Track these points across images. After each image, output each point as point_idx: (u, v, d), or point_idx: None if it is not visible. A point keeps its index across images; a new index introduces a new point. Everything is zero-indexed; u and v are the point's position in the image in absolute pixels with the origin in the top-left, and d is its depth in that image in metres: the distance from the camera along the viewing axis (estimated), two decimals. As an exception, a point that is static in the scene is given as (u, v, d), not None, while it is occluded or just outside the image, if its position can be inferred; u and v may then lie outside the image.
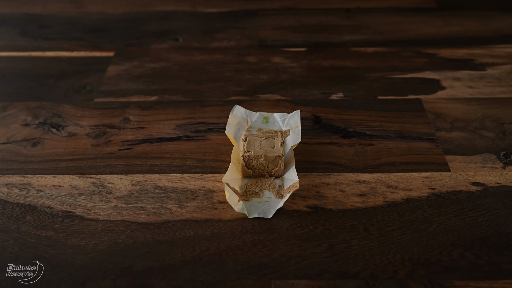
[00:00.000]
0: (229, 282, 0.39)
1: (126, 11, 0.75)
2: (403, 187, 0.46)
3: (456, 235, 0.42)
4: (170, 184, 0.47)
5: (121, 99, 0.58)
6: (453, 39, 0.67)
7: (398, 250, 0.41)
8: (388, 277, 0.39)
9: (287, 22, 0.71)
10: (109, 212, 0.45)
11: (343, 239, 0.42)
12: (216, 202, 0.45)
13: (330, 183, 0.47)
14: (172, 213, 0.44)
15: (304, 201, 0.45)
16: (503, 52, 0.64)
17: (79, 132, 0.53)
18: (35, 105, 0.57)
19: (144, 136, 0.53)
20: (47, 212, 0.45)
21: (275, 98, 0.57)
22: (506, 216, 0.43)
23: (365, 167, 0.48)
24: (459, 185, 0.46)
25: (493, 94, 0.57)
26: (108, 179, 0.48)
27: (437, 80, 0.59)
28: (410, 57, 0.64)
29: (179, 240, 0.42)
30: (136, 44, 0.67)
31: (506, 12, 0.72)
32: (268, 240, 0.42)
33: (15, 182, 0.47)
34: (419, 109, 0.55)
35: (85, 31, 0.70)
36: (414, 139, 0.51)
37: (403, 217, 0.44)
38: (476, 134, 0.52)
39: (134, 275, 0.40)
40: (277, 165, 0.47)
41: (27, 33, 0.70)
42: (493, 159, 0.49)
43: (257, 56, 0.64)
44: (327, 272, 0.40)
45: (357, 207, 0.45)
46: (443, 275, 0.39)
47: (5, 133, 0.53)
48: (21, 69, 0.63)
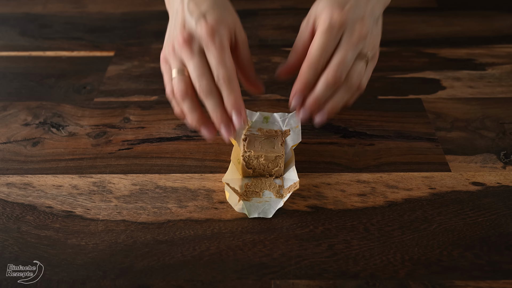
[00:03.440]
0: (229, 282, 0.39)
1: (126, 11, 0.75)
2: (403, 187, 0.46)
3: (456, 235, 0.42)
4: (170, 184, 0.47)
5: (121, 99, 0.58)
6: (453, 39, 0.67)
7: (398, 250, 0.41)
8: (388, 277, 0.39)
9: (287, 21, 0.71)
10: (109, 212, 0.45)
11: (343, 239, 0.42)
12: (216, 202, 0.45)
13: (330, 183, 0.47)
14: (172, 213, 0.44)
15: (304, 201, 0.45)
16: (504, 52, 0.64)
17: (79, 132, 0.53)
18: (35, 105, 0.57)
19: (144, 136, 0.53)
20: (47, 212, 0.45)
21: (275, 98, 0.57)
22: (506, 216, 0.43)
23: (365, 167, 0.48)
24: (459, 185, 0.46)
25: (493, 94, 0.57)
26: (108, 179, 0.48)
27: (437, 80, 0.59)
28: (410, 57, 0.64)
29: (179, 240, 0.42)
30: (136, 44, 0.67)
31: (506, 12, 0.72)
32: (268, 240, 0.42)
33: (15, 182, 0.48)
34: (419, 109, 0.55)
35: (85, 31, 0.70)
36: (414, 139, 0.51)
37: (403, 217, 0.44)
38: (476, 134, 0.52)
39: (134, 275, 0.40)
40: (277, 165, 0.47)
41: (27, 33, 0.70)
42: (494, 159, 0.49)
43: (257, 56, 0.64)
44: (327, 272, 0.40)
45: (357, 207, 0.45)
46: (443, 275, 0.39)
47: (5, 132, 0.53)
48: (21, 69, 0.63)
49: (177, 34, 0.42)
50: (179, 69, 0.42)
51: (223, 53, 0.41)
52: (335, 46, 0.41)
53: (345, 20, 0.41)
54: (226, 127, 0.41)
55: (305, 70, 0.42)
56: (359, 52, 0.42)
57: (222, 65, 0.40)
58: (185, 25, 0.42)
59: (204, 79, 0.40)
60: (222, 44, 0.41)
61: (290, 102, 0.43)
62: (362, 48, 0.42)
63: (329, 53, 0.41)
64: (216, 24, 0.41)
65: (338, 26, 0.41)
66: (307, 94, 0.42)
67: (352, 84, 0.42)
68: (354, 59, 0.42)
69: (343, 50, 0.41)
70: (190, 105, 0.42)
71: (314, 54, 0.41)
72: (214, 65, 0.41)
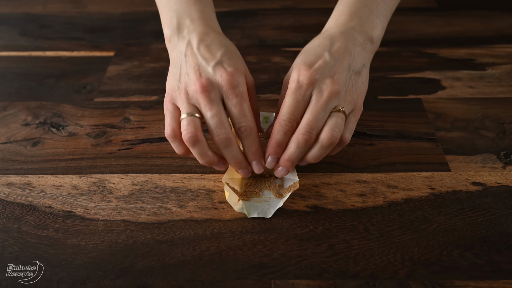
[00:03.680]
0: (229, 282, 0.39)
1: (126, 11, 0.75)
2: (403, 187, 0.46)
3: (456, 235, 0.42)
4: (170, 184, 0.47)
5: (121, 98, 0.58)
6: (453, 39, 0.67)
7: (398, 250, 0.41)
8: (388, 277, 0.39)
9: (287, 22, 0.71)
10: (109, 212, 0.45)
11: (343, 239, 0.42)
12: (216, 202, 0.45)
13: (330, 183, 0.47)
14: (172, 213, 0.44)
15: (304, 201, 0.45)
16: (503, 52, 0.64)
17: (79, 132, 0.53)
18: (35, 105, 0.57)
19: (144, 136, 0.53)
20: (47, 212, 0.45)
21: (275, 98, 0.57)
22: (506, 216, 0.43)
23: (365, 167, 0.48)
24: (459, 185, 0.46)
25: (493, 94, 0.57)
26: (108, 179, 0.48)
27: (437, 80, 0.59)
28: (410, 57, 0.64)
29: (179, 240, 0.42)
30: (136, 44, 0.67)
31: (506, 12, 0.72)
32: (268, 240, 0.42)
33: (15, 182, 0.48)
34: (419, 109, 0.55)
35: (85, 31, 0.70)
36: (414, 139, 0.51)
37: (403, 217, 0.44)
38: (476, 134, 0.52)
39: (134, 275, 0.40)
40: (277, 165, 0.47)
41: (27, 33, 0.70)
42: (493, 159, 0.49)
43: (257, 56, 0.64)
44: (327, 272, 0.40)
45: (357, 207, 0.45)
46: (443, 275, 0.39)
47: (5, 132, 0.53)
48: (21, 69, 0.63)
49: (193, 80, 0.41)
50: (190, 113, 0.41)
51: (244, 103, 0.41)
52: (307, 104, 0.42)
53: (313, 80, 0.41)
54: (245, 171, 0.44)
55: (275, 132, 0.42)
56: (334, 108, 0.42)
57: (243, 115, 0.41)
58: (200, 71, 0.41)
59: (223, 129, 0.41)
60: (243, 94, 0.41)
61: (265, 160, 0.44)
62: (337, 105, 0.42)
63: (299, 112, 0.42)
64: (236, 73, 0.41)
65: (306, 86, 0.42)
66: (281, 153, 0.43)
67: (326, 141, 0.41)
68: (328, 115, 0.41)
69: (312, 109, 0.41)
70: (201, 150, 0.42)
71: (283, 115, 0.42)
72: (235, 115, 0.41)
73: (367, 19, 0.45)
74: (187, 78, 0.42)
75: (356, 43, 0.44)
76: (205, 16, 0.45)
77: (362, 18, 0.45)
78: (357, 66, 0.44)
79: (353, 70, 0.43)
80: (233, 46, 0.45)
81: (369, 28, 0.45)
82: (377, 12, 0.46)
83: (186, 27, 0.45)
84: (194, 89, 0.41)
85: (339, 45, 0.44)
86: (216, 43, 0.43)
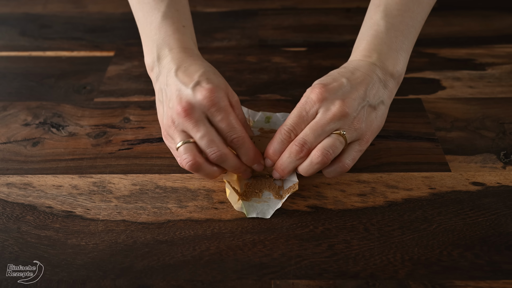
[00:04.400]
0: (229, 282, 0.39)
1: (126, 11, 0.75)
2: (403, 187, 0.46)
3: (456, 235, 0.42)
4: (170, 184, 0.47)
5: (121, 98, 0.58)
6: (453, 39, 0.67)
7: (398, 250, 0.41)
8: (388, 277, 0.39)
9: (287, 22, 0.71)
10: (109, 212, 0.45)
11: (343, 239, 0.42)
12: (216, 202, 0.45)
13: (330, 183, 0.47)
14: (172, 213, 0.44)
15: (304, 201, 0.45)
16: (503, 52, 0.64)
17: (79, 132, 0.53)
18: (35, 105, 0.57)
19: (144, 136, 0.53)
20: (47, 212, 0.45)
21: (275, 98, 0.57)
22: (506, 216, 0.43)
23: (365, 167, 0.48)
24: (459, 185, 0.46)
25: (493, 94, 0.57)
26: (108, 179, 0.48)
27: (437, 80, 0.59)
28: (410, 56, 0.63)
29: (179, 240, 0.42)
30: (136, 44, 0.67)
31: (506, 12, 0.72)
32: (268, 240, 0.42)
33: (15, 182, 0.48)
34: (419, 109, 0.55)
35: (85, 31, 0.70)
36: (414, 139, 0.51)
37: (403, 217, 0.44)
38: (476, 134, 0.52)
39: (134, 275, 0.40)
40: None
41: (27, 33, 0.70)
42: (493, 159, 0.49)
43: (257, 56, 0.64)
44: (327, 272, 0.40)
45: (357, 207, 0.45)
46: (443, 275, 0.39)
47: (5, 133, 0.53)
48: (21, 69, 0.63)
49: (174, 106, 0.41)
50: (183, 140, 0.41)
51: (229, 116, 0.42)
52: (310, 120, 0.42)
53: (322, 97, 0.42)
54: (245, 173, 0.45)
55: (274, 140, 0.44)
56: (336, 130, 0.42)
57: (232, 128, 0.42)
58: (180, 96, 0.41)
59: (215, 147, 0.41)
60: (226, 107, 0.41)
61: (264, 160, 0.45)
62: (340, 128, 0.42)
63: (300, 126, 0.42)
64: (215, 89, 0.41)
65: (313, 102, 0.42)
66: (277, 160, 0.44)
67: (315, 158, 0.41)
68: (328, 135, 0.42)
69: (312, 124, 0.42)
70: (206, 172, 0.42)
71: (285, 126, 0.43)
72: (224, 130, 0.42)
73: (387, 55, 0.45)
74: (171, 107, 0.42)
75: (376, 78, 0.44)
76: (183, 44, 0.46)
77: (381, 54, 0.45)
78: (374, 100, 0.43)
79: (368, 102, 0.43)
80: (212, 67, 0.45)
81: (389, 64, 0.45)
82: (397, 47, 0.46)
83: (165, 57, 0.45)
84: (178, 115, 0.41)
85: (359, 75, 0.44)
86: (194, 66, 0.44)
